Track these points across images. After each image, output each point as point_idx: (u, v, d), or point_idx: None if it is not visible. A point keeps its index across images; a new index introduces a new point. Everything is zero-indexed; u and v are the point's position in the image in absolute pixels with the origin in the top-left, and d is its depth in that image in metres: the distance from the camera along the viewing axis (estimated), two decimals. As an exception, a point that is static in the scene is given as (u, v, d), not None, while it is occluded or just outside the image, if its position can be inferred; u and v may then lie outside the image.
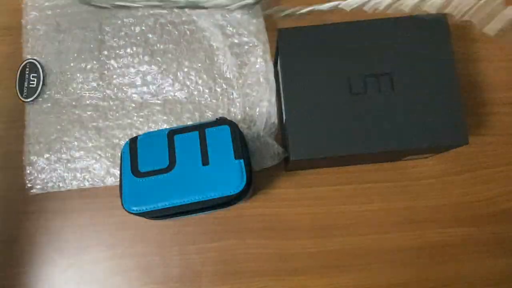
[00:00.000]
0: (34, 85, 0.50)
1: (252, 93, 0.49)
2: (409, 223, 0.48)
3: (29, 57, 0.51)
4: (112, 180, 0.48)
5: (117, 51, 0.51)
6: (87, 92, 0.51)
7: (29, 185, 0.48)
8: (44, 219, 0.48)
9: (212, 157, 0.40)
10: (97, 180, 0.48)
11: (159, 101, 0.50)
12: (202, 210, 0.40)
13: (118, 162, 0.48)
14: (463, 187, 0.48)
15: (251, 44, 0.50)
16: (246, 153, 0.41)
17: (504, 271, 0.47)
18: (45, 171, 0.49)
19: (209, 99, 0.50)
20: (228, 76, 0.50)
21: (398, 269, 0.47)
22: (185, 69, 0.51)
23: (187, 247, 0.47)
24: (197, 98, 0.50)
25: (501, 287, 0.47)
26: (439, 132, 0.39)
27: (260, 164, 0.47)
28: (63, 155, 0.49)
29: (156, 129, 0.49)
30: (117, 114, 0.50)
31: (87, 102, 0.50)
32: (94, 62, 0.51)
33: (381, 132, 0.39)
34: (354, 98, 0.40)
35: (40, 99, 0.50)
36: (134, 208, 0.39)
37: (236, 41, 0.51)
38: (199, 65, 0.51)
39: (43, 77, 0.51)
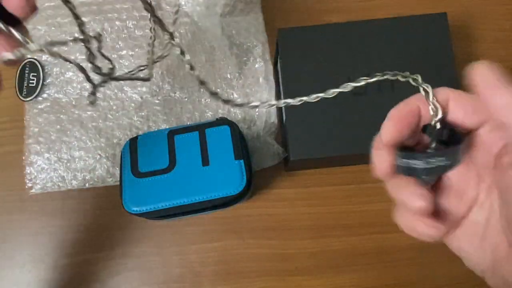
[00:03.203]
0: (34, 85, 0.50)
1: (252, 93, 0.49)
2: (409, 223, 0.48)
3: (29, 56, 0.51)
4: (112, 180, 0.48)
5: (118, 52, 0.51)
6: (87, 92, 0.51)
7: (29, 185, 0.48)
8: (44, 219, 0.48)
9: (212, 157, 0.40)
10: (97, 180, 0.48)
11: (159, 101, 0.50)
12: (202, 210, 0.40)
13: (118, 162, 0.48)
14: (463, 187, 0.48)
15: (250, 44, 0.50)
16: (246, 153, 0.41)
17: (504, 271, 0.47)
18: (45, 171, 0.48)
19: (209, 99, 0.50)
20: (228, 76, 0.50)
21: (398, 269, 0.47)
22: (186, 70, 0.51)
23: (187, 247, 0.47)
24: (197, 98, 0.50)
25: (501, 287, 0.47)
26: (439, 132, 0.39)
27: (260, 164, 0.47)
28: (63, 155, 0.49)
29: (156, 129, 0.49)
30: (117, 114, 0.50)
31: (87, 102, 0.50)
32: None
33: (381, 132, 0.39)
34: (354, 98, 0.40)
35: (40, 98, 0.50)
36: (134, 208, 0.39)
37: (236, 41, 0.51)
38: (199, 65, 0.51)
39: (43, 77, 0.50)
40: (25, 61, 0.51)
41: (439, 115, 0.20)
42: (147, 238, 0.48)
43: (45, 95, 0.50)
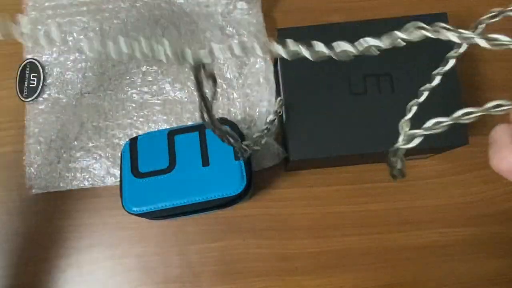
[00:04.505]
0: (34, 85, 0.50)
1: (252, 93, 0.49)
2: (409, 223, 0.48)
3: (29, 57, 0.51)
4: (112, 180, 0.48)
5: (117, 51, 0.51)
6: (87, 92, 0.51)
7: (29, 185, 0.48)
8: (44, 219, 0.48)
9: (212, 157, 0.40)
10: (97, 180, 0.48)
11: (159, 101, 0.50)
12: (202, 210, 0.40)
13: (118, 162, 0.48)
14: (463, 187, 0.48)
15: (251, 44, 0.50)
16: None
17: (504, 272, 0.47)
18: (45, 171, 0.49)
19: (209, 99, 0.50)
20: (228, 76, 0.50)
21: (398, 269, 0.47)
22: (186, 69, 0.51)
23: (187, 247, 0.47)
24: (197, 98, 0.50)
25: (502, 287, 0.47)
26: (439, 132, 0.39)
27: (260, 164, 0.47)
28: (63, 155, 0.49)
29: (156, 129, 0.49)
30: (117, 114, 0.50)
31: (87, 102, 0.50)
32: (95, 62, 0.51)
33: (381, 132, 0.39)
34: (354, 98, 0.40)
35: (40, 99, 0.50)
36: (134, 209, 0.39)
37: (236, 41, 0.51)
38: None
39: (43, 77, 0.51)
40: (26, 61, 0.51)
41: None
42: (147, 238, 0.48)
43: (45, 96, 0.50)
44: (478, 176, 0.49)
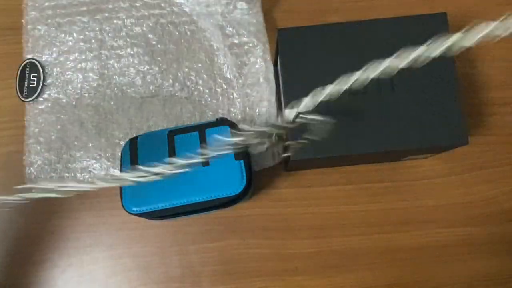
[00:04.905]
0: (34, 85, 0.50)
1: (252, 93, 0.49)
2: (409, 223, 0.48)
3: (29, 57, 0.51)
4: (112, 180, 0.48)
5: (118, 51, 0.51)
6: (87, 92, 0.51)
7: (29, 185, 0.48)
8: (44, 219, 0.48)
9: (212, 157, 0.40)
10: (97, 180, 0.48)
11: (159, 101, 0.50)
12: (202, 210, 0.40)
13: (118, 162, 0.48)
14: (463, 187, 0.48)
15: (251, 44, 0.50)
16: (246, 153, 0.41)
17: (504, 271, 0.47)
18: (45, 171, 0.49)
19: (209, 99, 0.50)
20: (228, 76, 0.50)
21: (398, 269, 0.47)
22: (186, 69, 0.51)
23: (187, 247, 0.47)
24: (197, 98, 0.50)
25: (502, 287, 0.47)
26: (439, 132, 0.39)
27: (260, 164, 0.47)
28: (63, 155, 0.49)
29: (156, 129, 0.49)
30: (117, 114, 0.50)
31: (87, 102, 0.50)
32: (95, 62, 0.51)
33: (381, 132, 0.39)
34: (354, 98, 0.40)
35: (40, 99, 0.50)
36: (134, 209, 0.39)
37: (236, 41, 0.51)
38: (199, 65, 0.51)
39: (43, 77, 0.51)
40: (25, 61, 0.51)
41: None
42: (147, 238, 0.48)
43: (45, 96, 0.50)
44: (478, 176, 0.49)
